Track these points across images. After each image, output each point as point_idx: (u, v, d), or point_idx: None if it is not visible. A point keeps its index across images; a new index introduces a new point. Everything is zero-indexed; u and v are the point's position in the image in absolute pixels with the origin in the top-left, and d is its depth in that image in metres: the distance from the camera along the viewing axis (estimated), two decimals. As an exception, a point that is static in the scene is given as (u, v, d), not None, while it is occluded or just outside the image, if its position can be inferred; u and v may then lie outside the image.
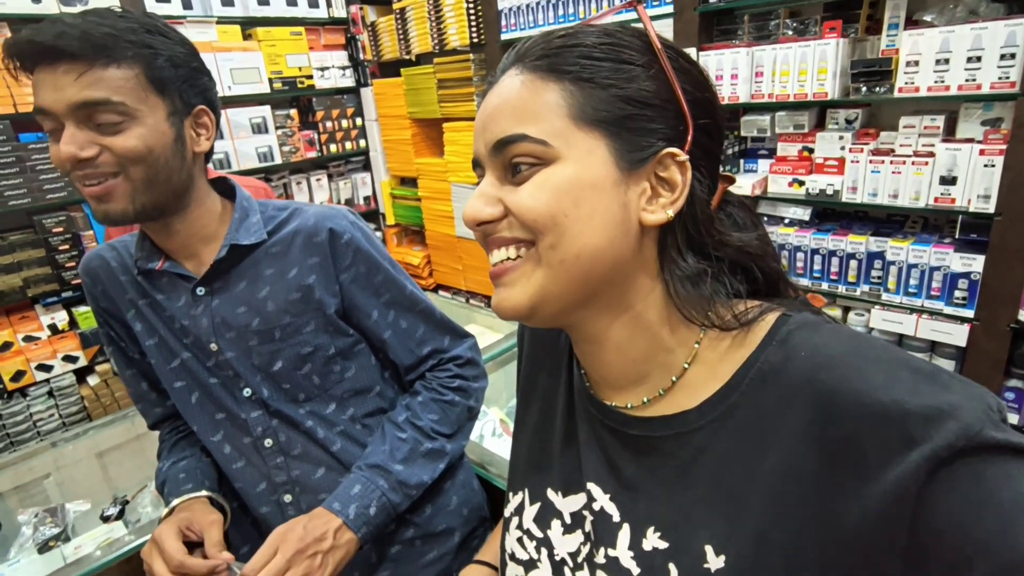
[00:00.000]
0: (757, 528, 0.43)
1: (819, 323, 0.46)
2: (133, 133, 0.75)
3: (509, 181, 0.47)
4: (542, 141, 0.45)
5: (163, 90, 0.78)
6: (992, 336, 1.73)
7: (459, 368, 0.99)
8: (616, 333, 0.50)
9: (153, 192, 0.79)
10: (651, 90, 0.46)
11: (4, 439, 2.46)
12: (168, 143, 0.79)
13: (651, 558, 0.48)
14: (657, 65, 0.47)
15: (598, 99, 0.46)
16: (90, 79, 0.72)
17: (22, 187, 2.33)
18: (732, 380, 0.46)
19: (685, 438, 0.48)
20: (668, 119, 0.47)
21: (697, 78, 0.49)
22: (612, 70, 0.46)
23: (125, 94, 0.74)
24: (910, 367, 0.40)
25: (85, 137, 0.73)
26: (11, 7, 2.26)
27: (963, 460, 0.35)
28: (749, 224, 0.54)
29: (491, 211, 0.48)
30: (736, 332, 0.48)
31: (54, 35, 0.70)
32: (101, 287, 0.92)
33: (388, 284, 0.95)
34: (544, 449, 0.62)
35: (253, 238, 0.88)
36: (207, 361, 0.91)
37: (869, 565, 0.38)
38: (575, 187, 0.45)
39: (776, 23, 2.00)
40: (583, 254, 0.46)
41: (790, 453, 0.42)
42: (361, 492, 0.87)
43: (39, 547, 1.12)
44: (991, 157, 1.63)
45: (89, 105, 0.72)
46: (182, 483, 0.92)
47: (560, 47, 0.47)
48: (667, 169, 0.47)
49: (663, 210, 0.47)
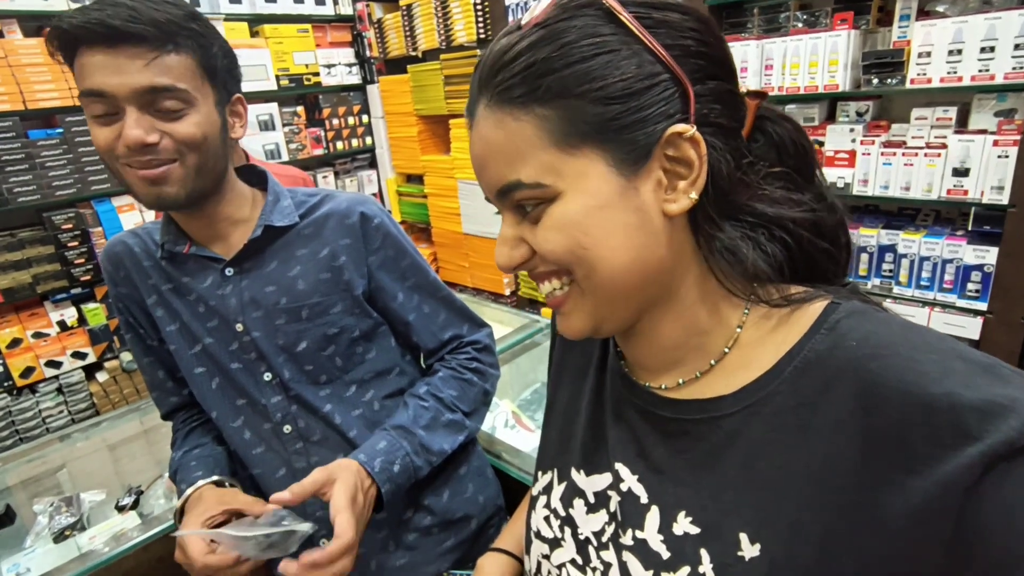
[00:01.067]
0: (792, 517, 0.42)
1: (869, 311, 0.45)
2: (191, 120, 0.77)
3: (525, 219, 0.46)
4: (536, 184, 0.43)
5: (213, 78, 0.80)
6: (1006, 329, 1.72)
7: (477, 352, 1.02)
8: (659, 323, 0.50)
9: (203, 178, 0.81)
10: (630, 73, 0.41)
11: (13, 435, 2.46)
12: (217, 130, 0.81)
13: (682, 543, 0.47)
14: (631, 37, 0.41)
15: (577, 111, 0.42)
16: (159, 65, 0.73)
17: (31, 184, 2.34)
18: (775, 368, 0.45)
19: (717, 422, 0.47)
20: (662, 93, 0.42)
21: (684, 22, 0.43)
22: (580, 74, 0.41)
23: (187, 81, 0.76)
24: (965, 358, 0.38)
25: (148, 122, 0.75)
26: (20, 3, 2.26)
27: (1021, 458, 0.34)
28: (789, 143, 0.49)
29: (520, 253, 0.47)
30: (782, 313, 0.46)
31: (125, 18, 0.70)
32: (124, 272, 0.92)
33: (414, 269, 0.97)
34: (572, 431, 0.62)
35: (287, 220, 0.90)
36: (230, 344, 0.91)
37: (910, 557, 0.37)
38: (583, 217, 0.43)
39: (786, 15, 2.00)
40: (616, 274, 0.44)
41: (830, 442, 0.41)
42: (387, 448, 0.87)
43: (55, 536, 1.12)
44: (1005, 148, 1.62)
45: (156, 91, 0.74)
46: (193, 471, 0.92)
47: (520, 71, 0.42)
48: (677, 148, 0.43)
49: (685, 195, 0.44)
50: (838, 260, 0.51)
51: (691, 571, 0.46)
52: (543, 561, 0.60)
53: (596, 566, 0.54)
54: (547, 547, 0.59)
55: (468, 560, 1.02)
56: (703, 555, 0.46)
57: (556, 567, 0.58)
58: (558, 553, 0.58)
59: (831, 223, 0.49)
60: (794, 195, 0.48)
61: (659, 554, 0.48)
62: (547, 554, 0.59)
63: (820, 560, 0.41)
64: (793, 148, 0.49)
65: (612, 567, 0.52)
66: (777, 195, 0.47)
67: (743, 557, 0.44)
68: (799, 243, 0.47)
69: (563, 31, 0.42)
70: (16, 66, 2.26)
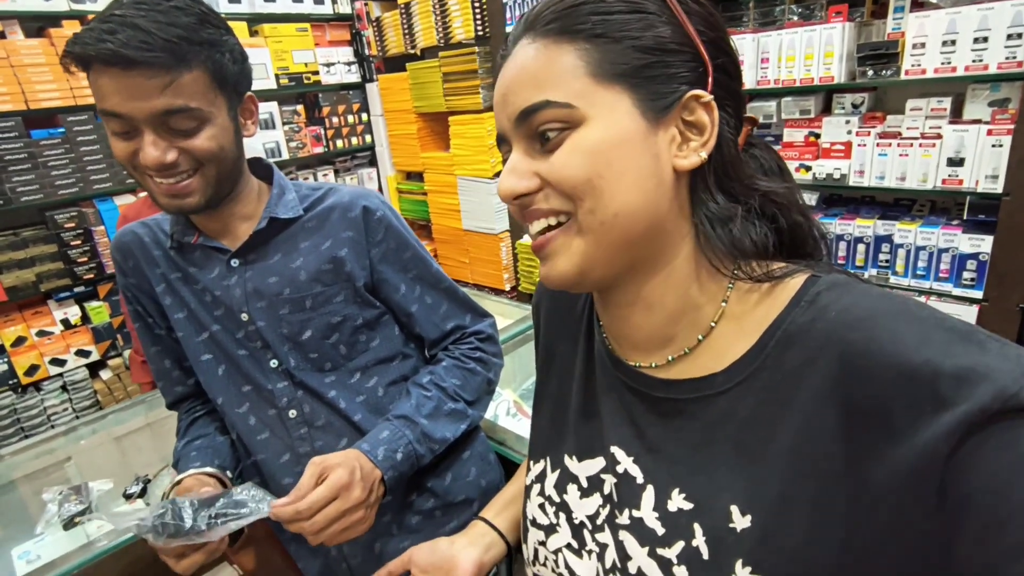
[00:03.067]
0: (781, 488, 0.43)
1: (849, 282, 0.46)
2: (206, 134, 0.78)
3: (539, 151, 0.47)
4: (566, 104, 0.45)
5: (224, 86, 0.80)
6: (1002, 317, 1.73)
7: (480, 342, 1.03)
8: (650, 292, 0.50)
9: (222, 184, 0.83)
10: (666, 35, 0.45)
11: (19, 433, 2.48)
12: (232, 137, 0.83)
13: (676, 518, 0.48)
14: (668, 10, 0.46)
15: (615, 53, 0.45)
16: (173, 88, 0.74)
17: (34, 183, 2.35)
18: (759, 342, 0.46)
19: (710, 400, 0.48)
20: (687, 62, 0.46)
21: (708, 18, 0.48)
22: (624, 21, 0.45)
23: (200, 99, 0.77)
24: (944, 326, 0.39)
25: (166, 141, 0.76)
26: (22, 4, 2.28)
27: (998, 423, 0.35)
28: (774, 168, 0.54)
29: (527, 184, 0.47)
30: (764, 288, 0.48)
31: (138, 45, 0.70)
32: (133, 262, 0.94)
33: (416, 261, 0.98)
34: (563, 418, 0.62)
35: (291, 213, 0.91)
36: (236, 332, 0.93)
37: (895, 525, 0.38)
38: (606, 147, 0.45)
39: (781, 8, 2.01)
40: (622, 212, 0.45)
41: (814, 413, 0.42)
42: (389, 437, 0.89)
43: (64, 523, 1.13)
44: (999, 137, 1.64)
45: (171, 112, 0.75)
46: (192, 460, 0.94)
47: (569, 7, 0.46)
48: (693, 112, 0.46)
49: (695, 153, 0.46)
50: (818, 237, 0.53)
51: (685, 545, 0.47)
52: (539, 548, 0.61)
53: (592, 548, 0.55)
54: (543, 534, 0.60)
55: (471, 543, 1.03)
56: (696, 529, 0.47)
57: (552, 552, 0.59)
58: (554, 539, 0.59)
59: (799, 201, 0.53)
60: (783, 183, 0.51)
61: (654, 531, 0.49)
62: (543, 540, 0.60)
63: (810, 529, 0.42)
64: (777, 171, 0.55)
65: (608, 547, 0.53)
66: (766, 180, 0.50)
67: (735, 529, 0.45)
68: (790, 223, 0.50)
69: None
70: (18, 66, 2.27)
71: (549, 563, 0.60)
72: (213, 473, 0.92)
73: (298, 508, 0.75)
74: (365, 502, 0.81)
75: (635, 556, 0.50)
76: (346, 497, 0.78)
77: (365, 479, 0.82)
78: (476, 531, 0.76)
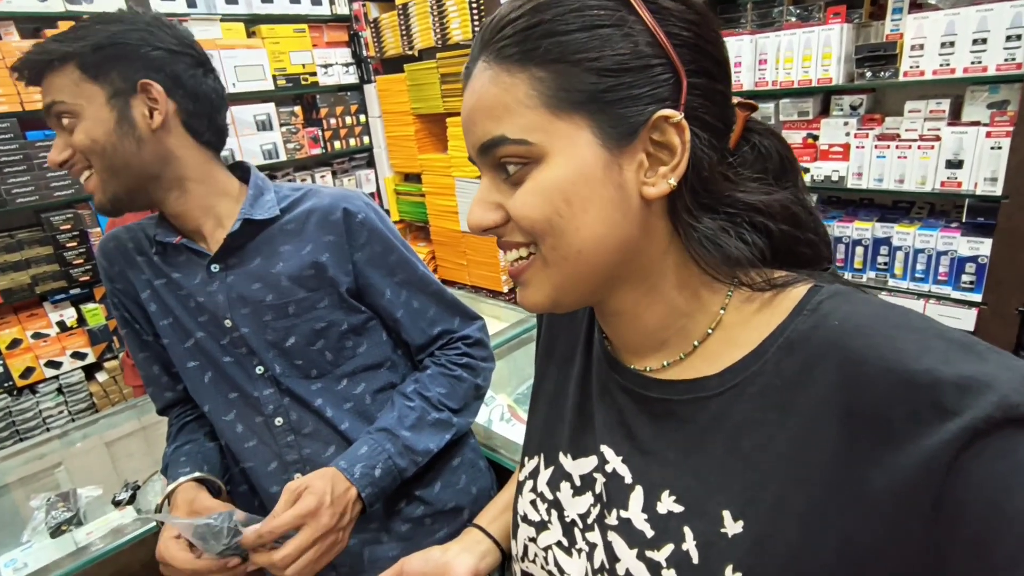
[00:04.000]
0: (776, 494, 0.42)
1: (851, 292, 0.45)
2: (79, 129, 0.80)
3: (504, 181, 0.46)
4: (522, 141, 0.43)
5: (97, 76, 0.79)
6: (1000, 320, 1.72)
7: (468, 347, 1.01)
8: (634, 304, 0.50)
9: (119, 179, 0.83)
10: (628, 51, 0.42)
11: (14, 436, 2.47)
12: (111, 128, 0.80)
13: (665, 521, 0.48)
14: (633, 15, 0.42)
15: (572, 78, 0.42)
16: (46, 86, 0.79)
17: (29, 185, 2.35)
18: (759, 348, 0.45)
19: (703, 403, 0.47)
20: (656, 76, 0.42)
21: (685, 14, 0.44)
22: (581, 42, 0.42)
23: (66, 92, 0.79)
24: (944, 336, 0.39)
25: (61, 141, 0.81)
26: (17, 5, 2.27)
27: (999, 433, 0.34)
28: (775, 159, 0.50)
29: (493, 218, 0.47)
30: (765, 297, 0.47)
31: (33, 56, 0.79)
32: (118, 267, 0.93)
33: (401, 264, 0.96)
34: (559, 416, 0.62)
35: (266, 214, 0.89)
36: (221, 339, 0.92)
37: (891, 534, 0.38)
38: (565, 184, 0.43)
39: (779, 10, 2.00)
40: (585, 248, 0.45)
41: (813, 420, 0.41)
42: (368, 453, 0.88)
43: (51, 531, 1.12)
44: (998, 140, 1.63)
45: (49, 110, 0.80)
46: (181, 466, 0.93)
47: (522, 29, 0.43)
48: (663, 133, 0.43)
49: (664, 180, 0.44)
50: (819, 249, 0.51)
51: (675, 548, 0.47)
52: (530, 544, 0.60)
53: (581, 547, 0.55)
54: (533, 530, 0.60)
55: (462, 551, 1.02)
56: (687, 532, 0.46)
57: (543, 549, 0.58)
58: (544, 536, 0.59)
59: (807, 219, 0.50)
60: (773, 191, 0.48)
61: (643, 532, 0.49)
62: (533, 537, 0.60)
63: (802, 536, 0.41)
64: (777, 159, 0.50)
65: (597, 547, 0.53)
66: (754, 188, 0.47)
67: (726, 534, 0.44)
68: (781, 231, 0.48)
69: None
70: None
71: (539, 560, 0.59)
72: (204, 478, 0.91)
73: (260, 532, 0.75)
74: (335, 527, 0.80)
75: (623, 558, 0.50)
76: (314, 525, 0.78)
77: (336, 503, 0.81)
78: (471, 538, 0.74)
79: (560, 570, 0.56)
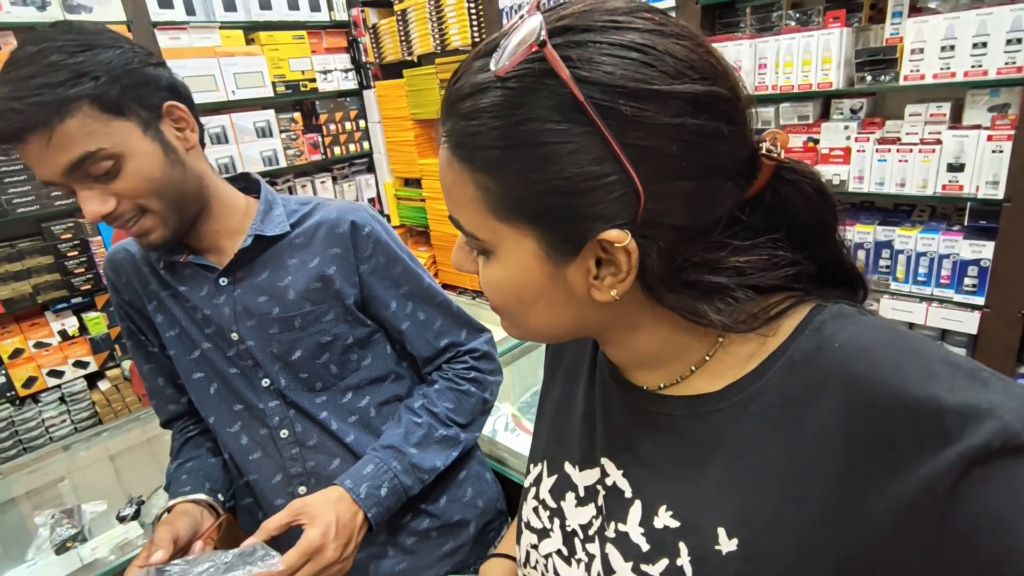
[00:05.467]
0: (772, 513, 0.42)
1: (854, 314, 0.44)
2: (126, 172, 0.73)
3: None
4: (473, 235, 0.44)
5: (122, 110, 0.73)
6: (1003, 323, 1.72)
7: (475, 360, 1.00)
8: (624, 339, 0.50)
9: (178, 210, 0.80)
10: (574, 172, 0.38)
11: (17, 445, 2.47)
12: (160, 159, 0.76)
13: (661, 535, 0.48)
14: (589, 126, 0.37)
15: (512, 193, 0.40)
16: (58, 141, 0.69)
17: (30, 195, 2.35)
18: (760, 367, 0.45)
19: (704, 419, 0.47)
20: (606, 195, 0.39)
21: (654, 119, 0.37)
22: (524, 160, 0.39)
23: (94, 140, 0.70)
24: (948, 362, 0.38)
25: (96, 193, 0.73)
26: (16, 16, 2.27)
27: (1000, 461, 0.34)
28: (803, 210, 0.45)
29: (470, 268, 0.49)
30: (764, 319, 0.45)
31: (8, 119, 0.67)
32: (125, 278, 0.93)
33: (407, 276, 0.96)
34: (565, 423, 0.62)
35: (277, 229, 0.89)
36: (227, 351, 0.92)
37: (889, 559, 0.38)
38: (511, 286, 0.45)
39: (779, 14, 2.00)
40: (539, 329, 0.48)
41: (814, 442, 0.41)
42: (373, 472, 0.88)
43: (56, 548, 1.12)
44: (999, 143, 1.62)
45: (75, 165, 0.71)
46: (182, 484, 0.93)
47: (468, 134, 0.41)
48: (609, 251, 0.41)
49: (609, 290, 0.42)
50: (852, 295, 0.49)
51: (669, 563, 0.47)
52: (531, 551, 0.61)
53: (581, 557, 0.55)
54: (535, 537, 0.60)
55: (467, 564, 1.02)
56: (681, 548, 0.46)
57: (543, 557, 0.59)
58: (546, 543, 0.59)
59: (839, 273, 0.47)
60: (777, 259, 0.44)
61: (639, 546, 0.49)
62: (535, 544, 0.60)
63: (797, 557, 0.41)
64: (807, 214, 0.45)
65: (595, 559, 0.53)
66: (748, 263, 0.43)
67: (720, 551, 0.44)
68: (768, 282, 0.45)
69: (517, 106, 0.38)
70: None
71: (539, 567, 0.60)
72: (203, 500, 0.91)
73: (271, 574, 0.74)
74: (340, 559, 0.81)
75: (619, 570, 0.50)
76: (318, 560, 0.78)
77: (341, 533, 0.81)
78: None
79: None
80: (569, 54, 0.38)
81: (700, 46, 0.40)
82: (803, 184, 0.45)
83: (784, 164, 0.44)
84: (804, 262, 0.45)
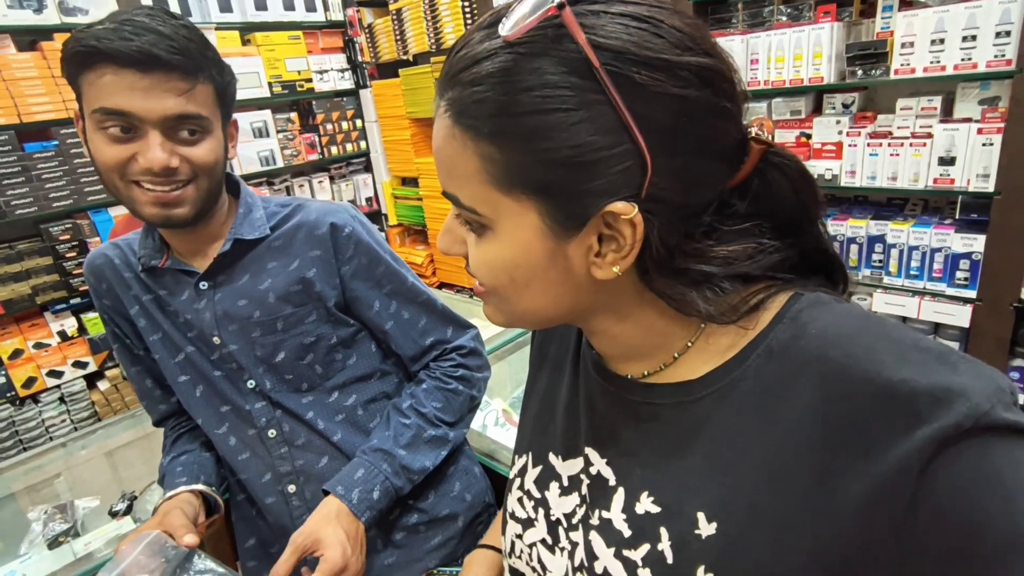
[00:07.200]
0: (751, 498, 0.43)
1: (831, 302, 0.45)
2: (207, 146, 0.80)
3: (465, 225, 0.47)
4: (472, 209, 0.43)
5: (222, 104, 0.83)
6: (995, 316, 1.72)
7: (462, 358, 1.00)
8: (609, 328, 0.50)
9: (210, 198, 0.84)
10: (582, 140, 0.37)
11: (17, 445, 2.49)
12: (223, 153, 0.84)
13: (643, 521, 0.49)
14: (600, 95, 0.37)
15: (519, 164, 0.39)
16: (190, 96, 0.76)
17: (28, 196, 2.36)
18: (739, 355, 0.46)
19: (686, 407, 0.48)
20: (614, 167, 0.38)
21: (664, 89, 0.37)
22: (532, 128, 0.38)
23: (208, 110, 0.79)
24: (921, 347, 0.39)
25: (170, 146, 0.77)
26: (13, 19, 2.29)
27: (970, 440, 0.35)
28: (788, 195, 0.46)
29: (458, 251, 0.48)
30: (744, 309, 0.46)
31: (165, 48, 0.72)
32: (106, 284, 0.94)
33: (389, 276, 0.96)
34: (550, 415, 0.63)
35: (256, 233, 0.90)
36: (211, 355, 0.92)
37: (864, 541, 0.38)
38: (508, 264, 0.44)
39: (770, 9, 2.00)
40: (530, 310, 0.47)
41: (792, 428, 0.42)
42: (364, 476, 0.88)
43: (49, 543, 1.13)
44: (989, 136, 1.63)
45: (183, 118, 0.76)
46: (177, 476, 0.94)
47: (473, 101, 0.40)
48: (614, 225, 0.41)
49: (610, 267, 0.43)
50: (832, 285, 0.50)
51: (651, 548, 0.47)
52: (516, 541, 0.61)
53: (564, 545, 0.56)
54: (520, 527, 0.61)
55: (456, 557, 1.03)
56: (663, 533, 0.47)
57: (528, 546, 0.60)
58: (530, 533, 0.60)
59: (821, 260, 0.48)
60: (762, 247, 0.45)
61: (621, 532, 0.50)
62: (520, 534, 0.61)
63: (775, 541, 0.42)
64: (792, 201, 0.46)
65: (579, 546, 0.54)
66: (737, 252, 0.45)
67: (700, 535, 0.45)
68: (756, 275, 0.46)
69: (526, 71, 0.38)
70: (10, 80, 2.28)
71: (524, 556, 0.60)
72: (200, 491, 0.92)
73: None
74: (360, 568, 0.84)
75: (602, 556, 0.51)
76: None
77: (354, 545, 0.84)
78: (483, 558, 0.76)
79: (543, 567, 0.58)
80: (583, 21, 0.37)
81: (700, 26, 0.41)
82: (788, 168, 0.46)
83: (772, 148, 0.45)
84: (788, 250, 0.47)
